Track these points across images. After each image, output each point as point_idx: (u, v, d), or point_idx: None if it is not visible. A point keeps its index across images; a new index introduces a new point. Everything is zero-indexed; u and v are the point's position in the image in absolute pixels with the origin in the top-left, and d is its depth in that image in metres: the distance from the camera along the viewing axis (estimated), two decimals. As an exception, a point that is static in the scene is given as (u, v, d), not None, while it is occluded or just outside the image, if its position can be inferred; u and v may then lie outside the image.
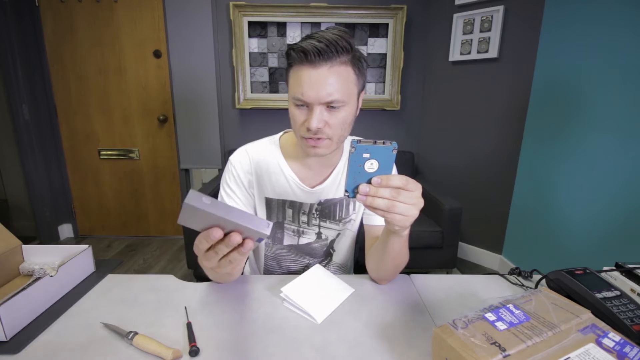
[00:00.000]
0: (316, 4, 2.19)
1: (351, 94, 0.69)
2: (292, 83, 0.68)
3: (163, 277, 0.78)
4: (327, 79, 0.65)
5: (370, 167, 0.52)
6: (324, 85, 0.65)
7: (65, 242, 2.56)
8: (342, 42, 0.64)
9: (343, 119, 0.69)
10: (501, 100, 2.03)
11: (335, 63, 0.65)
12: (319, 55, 0.64)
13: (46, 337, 0.59)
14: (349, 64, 0.67)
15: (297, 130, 0.71)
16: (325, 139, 0.70)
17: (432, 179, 2.42)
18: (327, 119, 0.68)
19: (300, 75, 0.66)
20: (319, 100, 0.65)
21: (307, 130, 0.68)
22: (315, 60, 0.64)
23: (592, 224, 1.54)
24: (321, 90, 0.65)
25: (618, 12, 1.41)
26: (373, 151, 0.51)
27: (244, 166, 0.82)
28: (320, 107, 0.66)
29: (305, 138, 0.70)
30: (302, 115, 0.69)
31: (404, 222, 0.54)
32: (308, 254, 0.90)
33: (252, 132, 2.47)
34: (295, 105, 0.69)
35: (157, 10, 2.24)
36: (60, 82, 2.35)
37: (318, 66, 0.64)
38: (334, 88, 0.65)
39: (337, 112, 0.68)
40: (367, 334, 0.60)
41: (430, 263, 1.95)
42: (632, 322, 0.53)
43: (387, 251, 0.67)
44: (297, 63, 0.66)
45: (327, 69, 0.65)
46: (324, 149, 0.72)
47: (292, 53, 0.66)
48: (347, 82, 0.67)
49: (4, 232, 0.76)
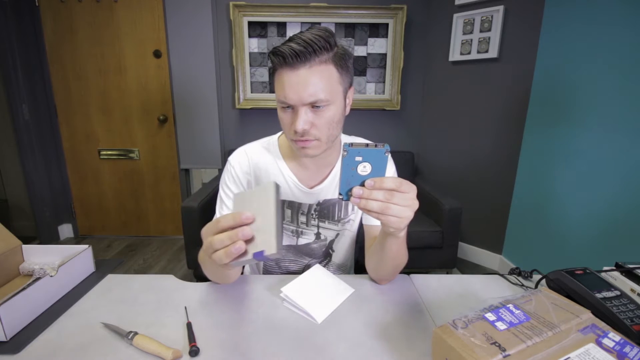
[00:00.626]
0: (316, 4, 2.19)
1: (335, 92, 0.68)
2: (276, 87, 0.69)
3: (163, 277, 0.78)
4: (308, 80, 0.65)
5: (363, 170, 0.52)
6: (305, 86, 0.65)
7: (65, 242, 2.56)
8: (321, 42, 0.64)
9: (329, 119, 0.69)
10: (501, 100, 2.03)
11: (314, 63, 0.65)
12: (297, 57, 0.64)
13: (46, 337, 0.59)
14: (330, 63, 0.67)
15: (287, 133, 0.72)
16: (313, 140, 0.70)
17: (432, 179, 2.42)
18: (312, 119, 0.68)
19: (282, 78, 0.66)
20: (301, 102, 0.66)
21: (294, 132, 0.68)
22: (294, 63, 0.64)
23: (592, 224, 1.54)
24: (302, 92, 0.65)
25: (618, 12, 1.41)
26: (365, 154, 0.51)
27: (242, 167, 0.82)
28: (305, 109, 0.67)
29: (294, 140, 0.71)
30: (289, 117, 0.69)
31: (398, 223, 0.54)
32: (307, 254, 0.90)
33: (252, 132, 2.47)
34: (281, 108, 0.70)
35: (157, 10, 2.24)
36: (60, 82, 2.35)
37: (297, 68, 0.65)
38: (317, 88, 0.65)
39: (322, 112, 0.68)
40: (367, 334, 0.60)
41: (430, 263, 1.95)
42: (632, 322, 0.53)
43: (385, 252, 0.67)
44: (278, 67, 0.67)
45: (306, 70, 0.65)
46: (314, 149, 0.71)
47: (272, 57, 0.67)
48: (330, 81, 0.67)
49: (4, 232, 0.76)
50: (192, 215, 1.78)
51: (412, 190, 0.53)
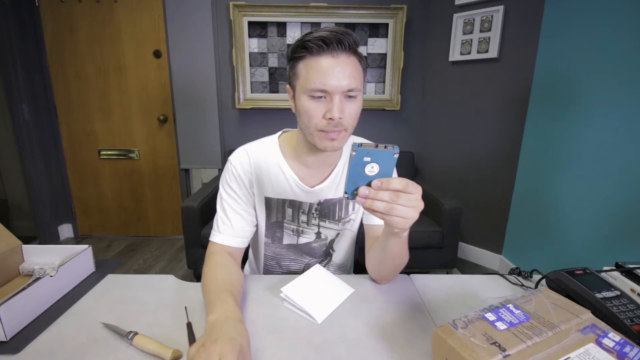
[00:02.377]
0: (316, 4, 2.19)
1: (362, 84, 0.71)
2: (308, 75, 0.67)
3: (163, 277, 0.78)
4: (347, 67, 0.66)
5: (371, 170, 0.52)
6: (344, 73, 0.65)
7: (65, 242, 2.56)
8: (355, 36, 0.67)
9: (357, 110, 0.70)
10: (501, 100, 2.03)
11: (350, 53, 0.67)
12: (340, 43, 0.65)
13: (46, 337, 0.59)
14: (359, 58, 0.69)
15: (315, 124, 0.69)
16: (342, 130, 0.70)
17: (432, 179, 2.42)
18: (344, 109, 0.68)
19: (320, 64, 0.66)
20: (341, 89, 0.66)
21: (328, 122, 0.68)
22: (337, 49, 0.65)
23: (592, 223, 1.54)
24: (343, 79, 0.65)
25: (618, 12, 1.41)
26: (374, 155, 0.51)
27: (244, 166, 0.82)
28: (340, 96, 0.67)
29: (326, 131, 0.69)
30: (321, 107, 0.68)
31: (403, 224, 0.54)
32: (307, 253, 0.90)
33: (252, 132, 2.47)
34: (311, 98, 0.68)
35: (157, 10, 2.24)
36: (60, 82, 2.35)
37: (338, 55, 0.65)
38: (353, 76, 0.66)
39: (352, 102, 0.69)
40: (367, 334, 0.60)
41: (430, 263, 1.95)
42: (632, 322, 0.53)
43: (386, 252, 0.67)
44: (315, 53, 0.66)
45: (345, 57, 0.66)
46: (340, 141, 0.72)
47: (309, 44, 0.66)
48: (360, 73, 0.69)
49: (4, 232, 0.76)
50: (192, 215, 1.78)
51: (418, 191, 0.53)
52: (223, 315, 0.56)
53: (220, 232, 0.79)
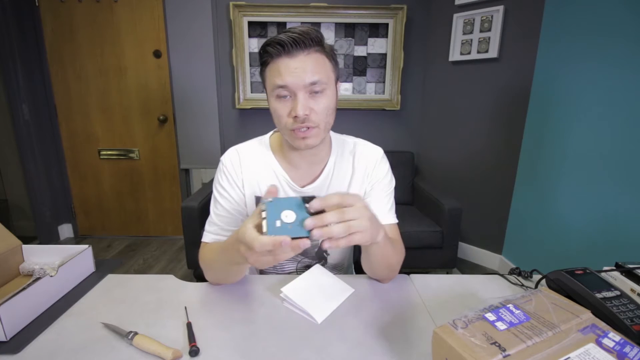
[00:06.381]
0: (316, 4, 2.19)
1: (330, 78, 0.70)
2: (271, 76, 0.69)
3: (163, 277, 0.78)
4: (306, 64, 0.66)
5: (286, 217, 0.50)
6: (303, 69, 0.66)
7: (65, 242, 2.56)
8: (314, 34, 0.67)
9: (327, 105, 0.70)
10: (501, 100, 2.03)
11: (310, 51, 0.67)
12: (295, 44, 0.65)
13: (46, 337, 0.59)
14: (322, 53, 0.69)
15: (284, 124, 0.71)
16: (314, 127, 0.70)
17: (432, 179, 2.42)
18: (311, 105, 0.68)
19: (279, 67, 0.67)
20: (302, 83, 0.66)
21: (293, 120, 0.68)
22: (293, 50, 0.66)
23: (592, 223, 1.53)
24: (301, 74, 0.66)
25: (618, 12, 1.41)
26: (282, 203, 0.50)
27: (235, 165, 0.82)
28: (304, 93, 0.67)
29: (294, 130, 0.70)
30: (286, 106, 0.69)
31: (364, 238, 0.52)
32: (301, 253, 0.90)
33: (251, 132, 2.45)
34: (276, 98, 0.69)
35: (157, 11, 2.24)
36: (60, 82, 2.35)
37: (295, 55, 0.66)
38: (314, 71, 0.67)
39: (320, 97, 0.69)
40: (367, 334, 0.60)
41: (430, 263, 1.95)
42: (632, 322, 0.53)
43: (374, 258, 0.68)
44: (275, 57, 0.67)
45: (304, 56, 0.67)
46: (314, 138, 0.71)
47: (268, 48, 0.67)
48: (325, 67, 0.69)
49: (4, 232, 0.76)
50: (192, 215, 1.78)
51: (358, 199, 0.52)
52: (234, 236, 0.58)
53: (211, 232, 0.79)
